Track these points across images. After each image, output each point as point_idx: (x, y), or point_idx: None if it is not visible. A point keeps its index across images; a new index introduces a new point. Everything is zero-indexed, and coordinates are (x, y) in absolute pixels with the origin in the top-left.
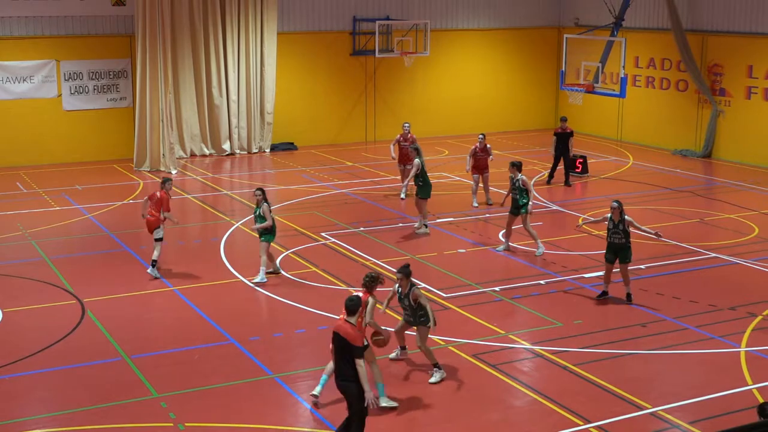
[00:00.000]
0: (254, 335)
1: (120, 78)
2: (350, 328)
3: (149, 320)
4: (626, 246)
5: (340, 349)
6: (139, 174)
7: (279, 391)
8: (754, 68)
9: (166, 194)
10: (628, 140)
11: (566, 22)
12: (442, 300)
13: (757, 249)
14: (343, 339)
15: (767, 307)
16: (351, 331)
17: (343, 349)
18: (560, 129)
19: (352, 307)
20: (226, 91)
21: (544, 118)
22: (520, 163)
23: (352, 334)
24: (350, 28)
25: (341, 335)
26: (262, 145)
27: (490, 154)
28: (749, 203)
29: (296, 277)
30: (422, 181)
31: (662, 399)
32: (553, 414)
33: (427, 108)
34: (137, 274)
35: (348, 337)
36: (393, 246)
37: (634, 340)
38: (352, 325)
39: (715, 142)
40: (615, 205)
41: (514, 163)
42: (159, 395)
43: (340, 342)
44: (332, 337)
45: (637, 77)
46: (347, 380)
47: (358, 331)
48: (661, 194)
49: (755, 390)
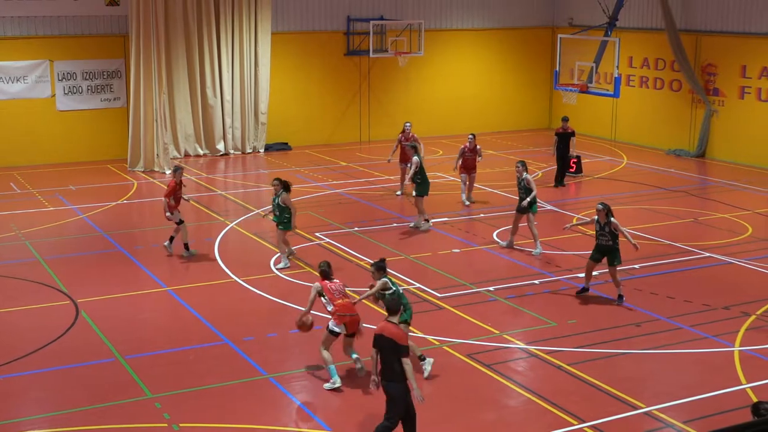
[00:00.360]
0: (249, 335)
1: (114, 78)
2: (394, 328)
3: (143, 321)
4: (614, 248)
5: (387, 351)
6: (133, 174)
7: (274, 391)
8: (747, 68)
9: (174, 182)
10: (622, 140)
11: (560, 22)
12: (437, 300)
13: (751, 249)
14: (390, 340)
15: (761, 307)
16: (396, 331)
17: (390, 350)
18: (561, 129)
19: (394, 307)
20: (220, 91)
21: (539, 118)
22: (524, 162)
23: (398, 333)
24: (344, 28)
25: (387, 336)
26: (256, 145)
27: (480, 155)
28: (743, 203)
29: (291, 278)
30: (420, 178)
31: (656, 398)
32: (548, 414)
33: (421, 108)
34: (131, 275)
35: (395, 337)
36: (387, 246)
37: (628, 339)
38: (395, 325)
39: (708, 142)
40: (600, 207)
41: (520, 162)
42: (153, 396)
43: (388, 343)
44: (375, 339)
45: (631, 77)
46: (393, 380)
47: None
48: (655, 194)
49: (749, 389)
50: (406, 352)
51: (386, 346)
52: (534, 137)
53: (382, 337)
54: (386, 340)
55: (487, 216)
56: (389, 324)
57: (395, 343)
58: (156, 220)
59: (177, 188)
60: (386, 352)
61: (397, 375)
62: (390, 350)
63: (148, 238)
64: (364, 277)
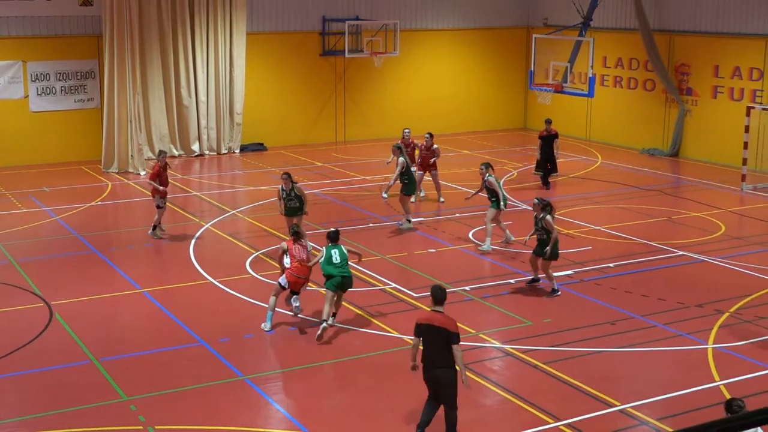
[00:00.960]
0: (224, 337)
1: (88, 79)
2: (442, 317)
3: (118, 323)
4: (547, 242)
5: (436, 339)
6: (107, 175)
7: (250, 392)
8: (720, 68)
9: (158, 165)
10: (596, 139)
11: (535, 22)
12: (413, 300)
13: (724, 247)
14: (441, 329)
15: (734, 304)
16: (446, 320)
17: (440, 339)
18: (545, 131)
19: (442, 296)
20: (195, 91)
21: (514, 118)
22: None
23: (448, 322)
24: (320, 29)
25: (437, 326)
26: (232, 145)
27: (436, 155)
28: (716, 201)
29: (267, 278)
30: (407, 178)
31: (631, 396)
32: (524, 412)
33: (396, 108)
34: (106, 276)
35: (446, 326)
36: (363, 246)
37: (603, 338)
38: (443, 314)
39: (682, 141)
40: (536, 201)
41: (484, 165)
42: (129, 398)
43: (438, 332)
44: (420, 329)
45: (605, 77)
46: (441, 367)
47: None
48: (630, 193)
49: (722, 386)
50: (458, 339)
51: (436, 335)
52: (509, 137)
53: (431, 327)
54: (436, 329)
55: (462, 216)
56: (436, 313)
57: (447, 331)
58: (131, 221)
59: (161, 172)
60: (436, 341)
61: (448, 362)
62: (441, 338)
63: (123, 240)
64: None
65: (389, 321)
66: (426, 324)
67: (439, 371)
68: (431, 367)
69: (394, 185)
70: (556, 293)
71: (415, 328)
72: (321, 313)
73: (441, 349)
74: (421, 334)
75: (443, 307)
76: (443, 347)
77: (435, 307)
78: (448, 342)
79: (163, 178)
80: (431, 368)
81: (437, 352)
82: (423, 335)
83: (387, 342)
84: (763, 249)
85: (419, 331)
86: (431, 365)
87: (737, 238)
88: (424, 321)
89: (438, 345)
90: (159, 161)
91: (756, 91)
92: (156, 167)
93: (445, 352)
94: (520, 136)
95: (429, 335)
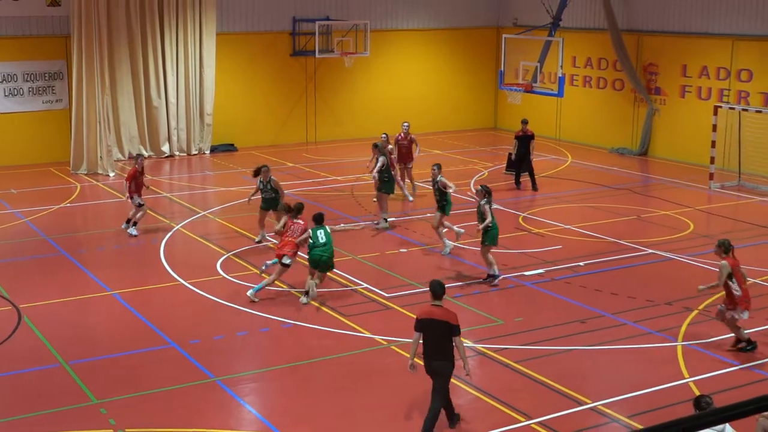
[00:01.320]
0: (195, 338)
1: (56, 80)
2: (441, 310)
3: (88, 325)
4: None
5: (439, 332)
6: (76, 177)
7: (221, 394)
8: (687, 67)
9: (135, 169)
10: (566, 139)
11: (505, 23)
12: (385, 300)
13: (693, 245)
14: (443, 322)
15: (702, 302)
16: (447, 314)
17: (442, 332)
18: (521, 132)
19: (441, 291)
20: (165, 92)
21: (484, 118)
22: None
23: (449, 315)
24: (290, 29)
25: (439, 319)
26: (202, 146)
27: (416, 147)
28: (684, 200)
29: (237, 279)
30: (387, 177)
31: (602, 394)
32: (496, 411)
33: (367, 108)
34: (75, 279)
35: (448, 319)
36: (334, 246)
37: (574, 336)
38: (442, 308)
39: (650, 140)
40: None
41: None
42: (99, 401)
43: (440, 326)
44: (422, 324)
45: (575, 77)
46: (441, 360)
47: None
48: (599, 192)
49: (692, 383)
50: (459, 331)
51: (438, 328)
52: (479, 137)
53: (432, 321)
54: (437, 323)
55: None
56: (435, 308)
57: (449, 324)
58: (100, 223)
59: (137, 175)
60: (437, 334)
61: (447, 355)
62: (443, 332)
63: (92, 242)
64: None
65: (361, 321)
66: (427, 319)
67: (438, 364)
68: (431, 360)
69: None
70: (493, 280)
71: (416, 323)
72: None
73: (442, 342)
74: (422, 329)
75: (442, 301)
76: (444, 340)
77: (434, 302)
78: (450, 335)
79: (139, 182)
80: (431, 361)
81: (438, 345)
82: (424, 330)
83: (359, 342)
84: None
85: (420, 326)
86: (431, 358)
87: (705, 236)
88: (425, 316)
89: (439, 339)
90: (137, 165)
91: (723, 91)
92: (132, 171)
93: (446, 344)
94: (491, 135)
95: (430, 329)
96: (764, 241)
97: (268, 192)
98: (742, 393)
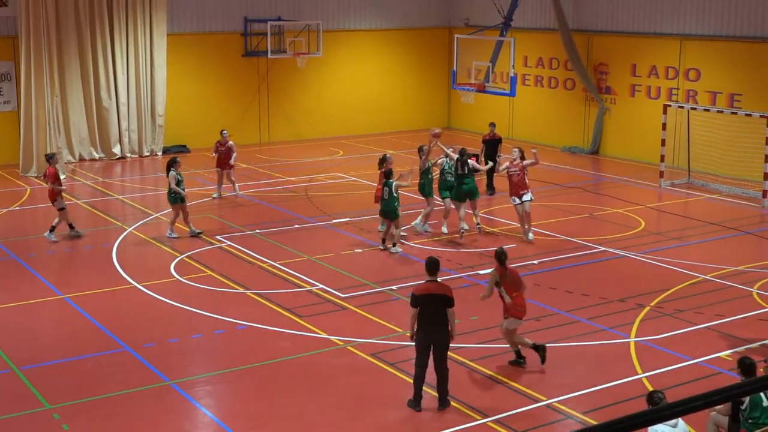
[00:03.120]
0: (149, 342)
1: (3, 81)
2: (439, 285)
3: (39, 330)
4: None
5: (436, 306)
6: (25, 180)
7: (176, 397)
8: (637, 67)
9: (53, 169)
10: (519, 138)
11: (457, 23)
12: (340, 300)
13: (644, 242)
14: (441, 296)
15: (655, 298)
16: (443, 287)
17: (438, 306)
18: (489, 136)
19: (436, 267)
20: (116, 93)
21: (438, 118)
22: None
23: (445, 288)
24: (241, 29)
25: (438, 293)
26: (154, 147)
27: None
28: (635, 198)
29: (192, 281)
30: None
31: (557, 390)
32: (452, 410)
33: (321, 109)
34: (26, 283)
35: (445, 292)
36: (289, 247)
37: (529, 333)
38: (439, 283)
39: (602, 139)
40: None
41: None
42: (51, 406)
43: (438, 300)
44: (420, 299)
45: (527, 76)
46: (440, 332)
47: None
48: (552, 190)
49: (644, 379)
50: (453, 303)
51: (437, 302)
52: None
53: (432, 296)
54: (437, 297)
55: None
56: (431, 284)
57: (446, 297)
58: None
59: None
60: (435, 308)
61: (445, 325)
62: (441, 305)
63: (42, 245)
64: (266, 279)
65: (317, 322)
66: (426, 294)
67: (438, 335)
68: (432, 332)
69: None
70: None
71: (413, 299)
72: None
73: (440, 314)
74: (420, 304)
75: (437, 276)
76: (442, 314)
77: (430, 278)
78: (446, 306)
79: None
80: (432, 332)
81: (437, 317)
82: (422, 304)
83: (315, 343)
84: (682, 243)
85: (418, 301)
86: (433, 331)
87: (657, 233)
88: (424, 292)
89: (438, 311)
90: (51, 165)
91: (672, 90)
92: (52, 171)
93: (444, 317)
94: (444, 135)
95: (429, 303)
96: (713, 238)
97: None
98: (693, 388)
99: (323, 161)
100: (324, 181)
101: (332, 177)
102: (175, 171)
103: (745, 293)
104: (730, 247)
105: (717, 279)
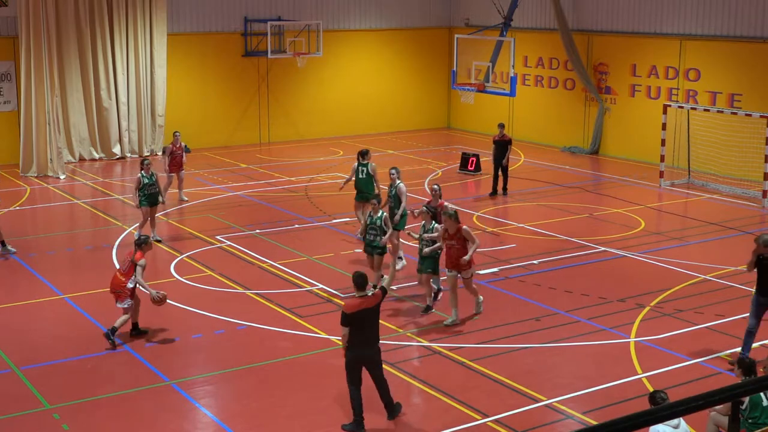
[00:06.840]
0: (150, 341)
1: (3, 81)
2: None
3: (39, 330)
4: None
5: (372, 320)
6: (25, 180)
7: (176, 397)
8: (637, 67)
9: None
10: (518, 138)
11: (457, 23)
12: (340, 300)
13: (644, 242)
14: (374, 308)
15: (654, 298)
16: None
17: (373, 319)
18: (498, 137)
19: (364, 282)
20: (116, 93)
21: (437, 118)
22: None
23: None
24: (242, 29)
25: (370, 307)
26: (154, 147)
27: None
28: (635, 198)
29: (192, 282)
30: None
31: (557, 391)
32: (452, 410)
33: (320, 109)
34: (25, 283)
35: (376, 300)
36: (289, 247)
37: (529, 334)
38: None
39: (601, 139)
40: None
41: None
42: (51, 407)
43: (372, 312)
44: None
45: (527, 76)
46: (376, 345)
47: None
48: (552, 190)
49: (644, 379)
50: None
51: (373, 316)
52: (433, 137)
53: (364, 311)
54: (370, 311)
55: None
56: (361, 299)
57: (377, 305)
58: (51, 226)
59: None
60: (371, 323)
61: (378, 339)
62: (375, 317)
63: (42, 246)
64: (266, 279)
65: (317, 322)
66: (358, 311)
67: (370, 351)
68: (365, 347)
69: None
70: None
71: (344, 318)
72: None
73: (375, 328)
74: (354, 323)
75: (366, 290)
76: (375, 326)
77: (359, 293)
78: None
79: None
80: (365, 348)
81: (371, 333)
82: (355, 323)
83: (315, 343)
84: (682, 243)
85: (350, 320)
86: (367, 348)
87: (656, 233)
88: (356, 309)
89: (373, 326)
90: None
91: (672, 90)
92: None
93: (377, 330)
94: (444, 135)
95: (363, 319)
96: (713, 238)
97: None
98: (693, 388)
99: (323, 161)
100: (324, 181)
101: (332, 177)
102: (142, 173)
103: (745, 293)
104: (730, 247)
105: (717, 279)
